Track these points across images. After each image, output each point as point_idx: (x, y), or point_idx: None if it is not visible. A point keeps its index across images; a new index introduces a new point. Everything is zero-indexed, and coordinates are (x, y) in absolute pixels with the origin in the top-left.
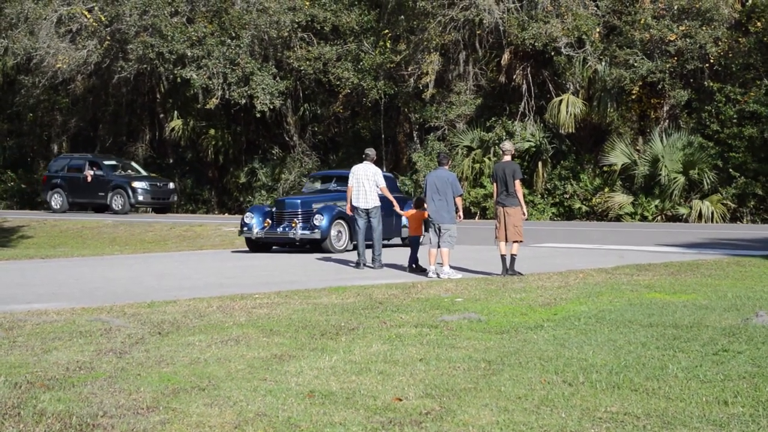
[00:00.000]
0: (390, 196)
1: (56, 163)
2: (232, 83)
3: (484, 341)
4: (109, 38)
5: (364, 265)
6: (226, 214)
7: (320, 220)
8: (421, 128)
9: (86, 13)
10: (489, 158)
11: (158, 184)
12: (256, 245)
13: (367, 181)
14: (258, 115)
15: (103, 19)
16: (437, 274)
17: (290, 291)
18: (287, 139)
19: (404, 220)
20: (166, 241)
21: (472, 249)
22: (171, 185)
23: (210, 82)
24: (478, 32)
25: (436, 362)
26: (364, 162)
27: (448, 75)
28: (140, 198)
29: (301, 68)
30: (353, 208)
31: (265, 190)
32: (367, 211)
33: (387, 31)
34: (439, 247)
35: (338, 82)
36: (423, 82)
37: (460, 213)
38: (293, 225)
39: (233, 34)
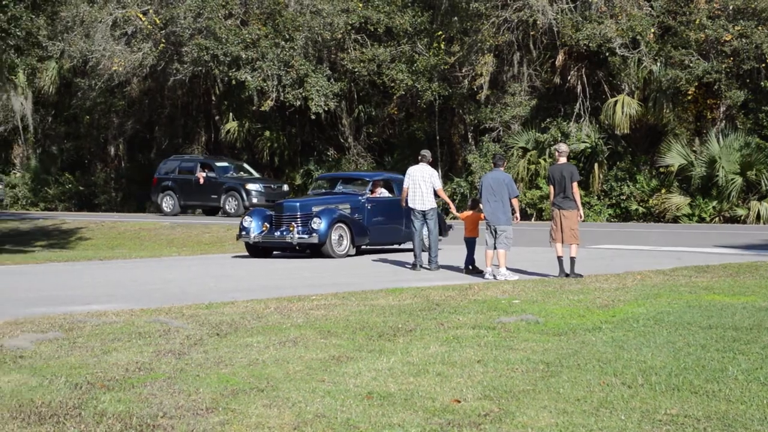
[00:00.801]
0: (446, 198)
1: (166, 165)
2: (286, 85)
3: (541, 343)
4: (164, 41)
5: (421, 266)
6: None
7: (318, 224)
8: (475, 130)
9: (141, 15)
10: (544, 159)
11: (272, 186)
12: (256, 250)
13: (424, 183)
14: (313, 117)
15: (157, 21)
16: (494, 275)
17: (347, 292)
18: (342, 140)
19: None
20: (222, 242)
21: (529, 250)
22: (285, 187)
23: (264, 84)
24: (532, 33)
25: (494, 364)
26: (420, 163)
27: (502, 76)
28: (254, 200)
29: (355, 70)
30: (410, 210)
31: None
32: (424, 213)
33: (441, 32)
34: (495, 248)
35: (392, 84)
36: (477, 84)
37: (517, 214)
38: (291, 229)
39: (287, 36)
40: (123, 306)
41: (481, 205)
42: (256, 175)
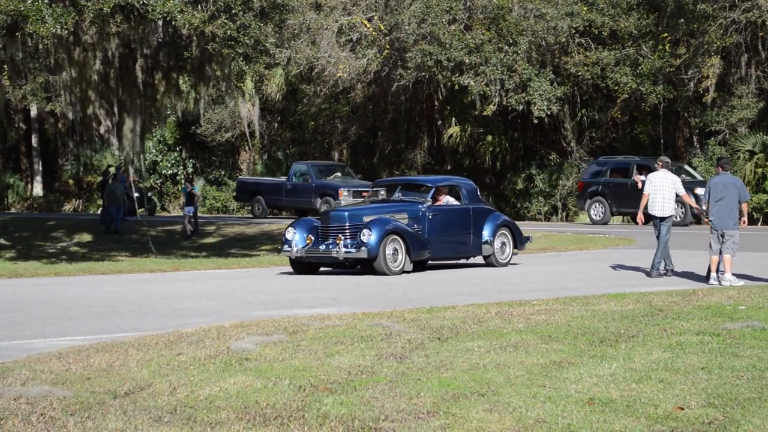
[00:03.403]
0: (692, 202)
1: (592, 168)
2: (509, 89)
3: None
4: (388, 47)
5: (658, 273)
6: None
7: (368, 236)
8: (701, 133)
9: (366, 22)
10: None
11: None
12: (300, 265)
13: (666, 189)
14: (535, 121)
15: (382, 28)
16: (719, 281)
17: (568, 297)
18: (564, 144)
19: (486, 236)
20: None
21: (755, 256)
22: None
23: (487, 88)
24: (760, 34)
25: (719, 371)
26: (661, 170)
27: (729, 78)
28: (702, 206)
29: (579, 73)
30: (650, 217)
31: (542, 196)
32: (662, 219)
33: (666, 34)
34: (720, 253)
35: (616, 87)
36: (703, 86)
37: (745, 218)
38: (337, 242)
39: (510, 41)
40: (346, 309)
41: (705, 211)
42: (699, 178)
